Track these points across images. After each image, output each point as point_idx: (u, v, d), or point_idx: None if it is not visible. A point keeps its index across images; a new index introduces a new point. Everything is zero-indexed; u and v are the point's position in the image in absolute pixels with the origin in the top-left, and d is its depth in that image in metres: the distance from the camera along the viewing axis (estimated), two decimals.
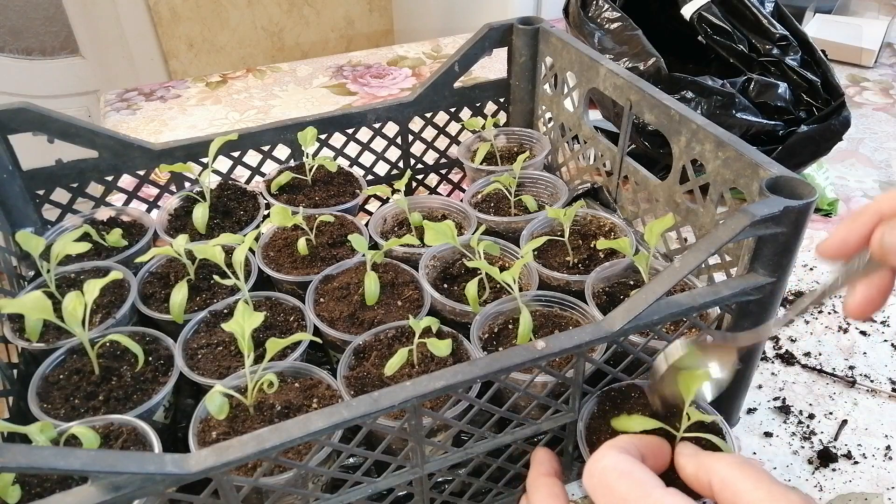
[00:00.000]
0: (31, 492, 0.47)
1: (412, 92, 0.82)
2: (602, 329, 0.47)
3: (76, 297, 0.54)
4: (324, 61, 1.40)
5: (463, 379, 0.44)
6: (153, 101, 1.25)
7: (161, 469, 0.38)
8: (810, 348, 0.75)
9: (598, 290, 0.63)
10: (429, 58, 1.42)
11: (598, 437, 0.52)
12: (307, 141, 0.74)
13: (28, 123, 0.67)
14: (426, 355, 0.56)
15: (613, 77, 0.70)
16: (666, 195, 0.67)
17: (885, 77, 1.30)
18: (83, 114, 2.23)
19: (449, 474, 0.53)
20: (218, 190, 0.75)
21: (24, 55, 2.19)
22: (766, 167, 0.53)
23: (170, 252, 0.63)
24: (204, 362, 0.57)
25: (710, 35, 0.98)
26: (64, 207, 0.73)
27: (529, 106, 0.86)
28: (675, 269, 0.47)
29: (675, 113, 0.62)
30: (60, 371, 0.56)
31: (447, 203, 0.76)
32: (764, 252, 0.51)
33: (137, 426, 0.51)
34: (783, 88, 0.89)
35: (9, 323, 0.60)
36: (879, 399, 0.69)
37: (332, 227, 0.71)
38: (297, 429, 0.41)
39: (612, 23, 0.93)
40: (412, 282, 0.64)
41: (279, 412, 0.52)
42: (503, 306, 0.60)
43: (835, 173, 1.03)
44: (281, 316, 0.62)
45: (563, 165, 0.84)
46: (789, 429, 0.66)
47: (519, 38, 0.81)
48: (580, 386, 0.51)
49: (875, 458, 0.64)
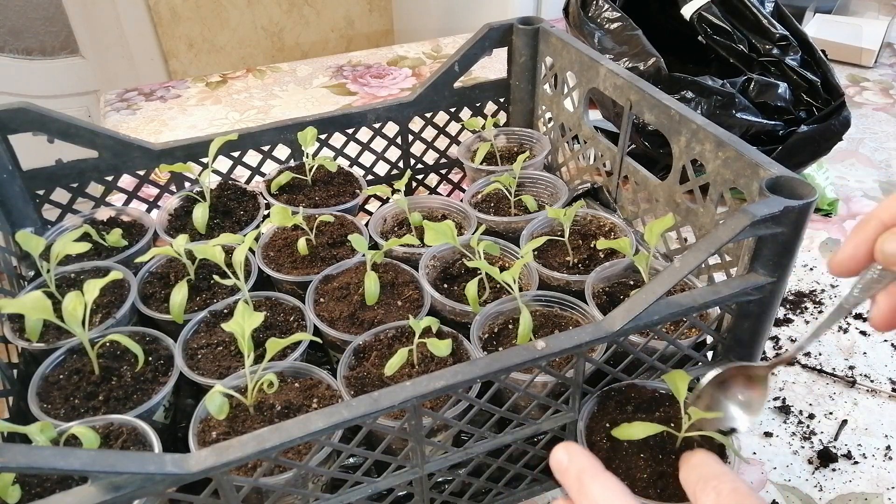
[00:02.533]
0: (31, 492, 0.47)
1: (412, 92, 0.82)
2: (602, 329, 0.47)
3: (76, 297, 0.54)
4: (324, 61, 1.40)
5: (463, 379, 0.44)
6: (153, 101, 1.25)
7: (161, 469, 0.38)
8: (810, 348, 0.75)
9: (598, 290, 0.63)
10: (429, 58, 1.42)
11: (598, 437, 0.52)
12: (307, 141, 0.74)
13: (28, 123, 0.67)
14: (426, 355, 0.56)
15: (613, 77, 0.70)
16: (666, 195, 0.67)
17: (885, 77, 1.30)
18: (83, 114, 2.23)
19: (449, 474, 0.53)
20: (218, 190, 0.75)
21: (24, 55, 2.19)
22: (766, 167, 0.53)
23: (170, 252, 0.63)
24: (204, 362, 0.57)
25: (709, 35, 0.98)
26: (64, 207, 0.73)
27: (529, 106, 0.86)
28: (675, 269, 0.47)
29: (675, 113, 0.62)
30: (60, 371, 0.56)
31: (447, 203, 0.76)
32: (764, 252, 0.51)
33: (137, 426, 0.51)
34: (783, 88, 0.89)
35: (9, 323, 0.60)
36: (879, 399, 0.69)
37: (332, 227, 0.71)
38: (297, 429, 0.41)
39: (612, 23, 0.93)
40: (412, 282, 0.64)
41: (279, 412, 0.52)
42: (503, 306, 0.60)
43: (835, 173, 1.03)
44: (281, 316, 0.62)
45: (563, 165, 0.84)
46: (789, 429, 0.66)
47: (519, 38, 0.81)
48: (580, 386, 0.51)
49: (875, 458, 0.64)
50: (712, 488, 0.37)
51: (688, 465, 0.41)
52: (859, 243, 0.37)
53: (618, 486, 0.38)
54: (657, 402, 0.54)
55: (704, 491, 0.37)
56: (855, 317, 0.79)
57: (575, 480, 0.39)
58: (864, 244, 0.37)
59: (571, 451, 0.40)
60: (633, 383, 0.55)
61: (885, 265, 0.37)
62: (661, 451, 0.50)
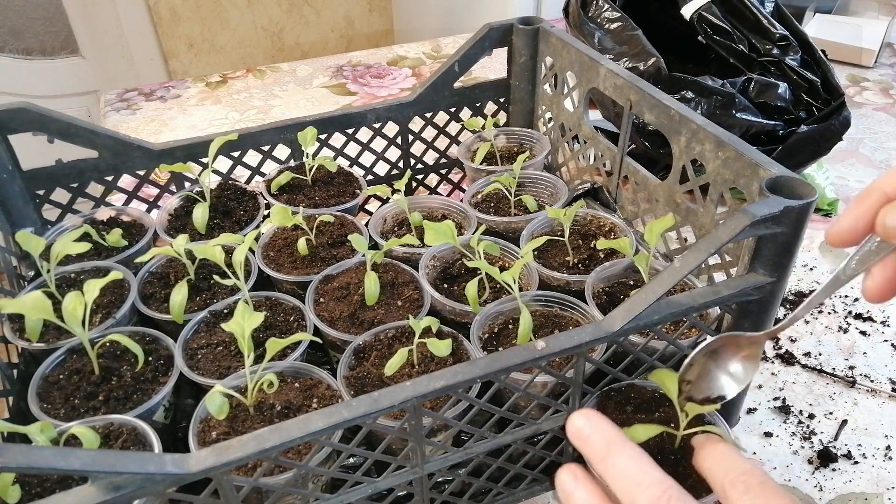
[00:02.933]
0: (31, 492, 0.47)
1: (412, 92, 0.82)
2: (602, 329, 0.47)
3: (76, 297, 0.54)
4: (324, 61, 1.40)
5: (463, 379, 0.44)
6: (153, 101, 1.25)
7: (161, 469, 0.38)
8: (810, 348, 0.75)
9: (598, 290, 0.63)
10: (429, 58, 1.42)
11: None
12: (307, 141, 0.74)
13: (28, 123, 0.67)
14: (426, 355, 0.56)
15: (613, 77, 0.70)
16: (666, 195, 0.67)
17: (885, 77, 1.30)
18: (83, 114, 2.23)
19: (449, 474, 0.53)
20: (218, 190, 0.75)
21: (24, 55, 2.19)
22: (766, 167, 0.53)
23: (170, 252, 0.63)
24: (204, 362, 0.57)
25: (709, 35, 0.98)
26: (64, 207, 0.73)
27: (529, 106, 0.86)
28: (675, 269, 0.47)
29: (675, 113, 0.62)
30: (60, 371, 0.56)
31: (447, 203, 0.76)
32: (764, 252, 0.51)
33: (137, 426, 0.51)
34: (783, 88, 0.89)
35: (9, 323, 0.60)
36: (879, 399, 0.69)
37: (332, 227, 0.71)
38: (297, 429, 0.41)
39: (612, 23, 0.93)
40: (412, 282, 0.64)
41: (279, 412, 0.52)
42: (503, 306, 0.60)
43: (835, 173, 1.03)
44: (281, 316, 0.62)
45: (563, 165, 0.84)
46: (789, 429, 0.66)
47: (519, 38, 0.81)
48: (580, 386, 0.51)
49: (875, 458, 0.64)
50: (742, 482, 0.37)
51: (711, 456, 0.40)
52: (860, 215, 0.37)
53: (645, 458, 0.37)
54: (657, 402, 0.54)
55: (734, 485, 0.37)
56: (855, 317, 0.79)
57: (600, 450, 0.38)
58: (865, 216, 0.37)
59: (592, 418, 0.39)
60: (632, 383, 0.55)
61: (885, 237, 0.36)
62: (660, 451, 0.50)
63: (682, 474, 0.49)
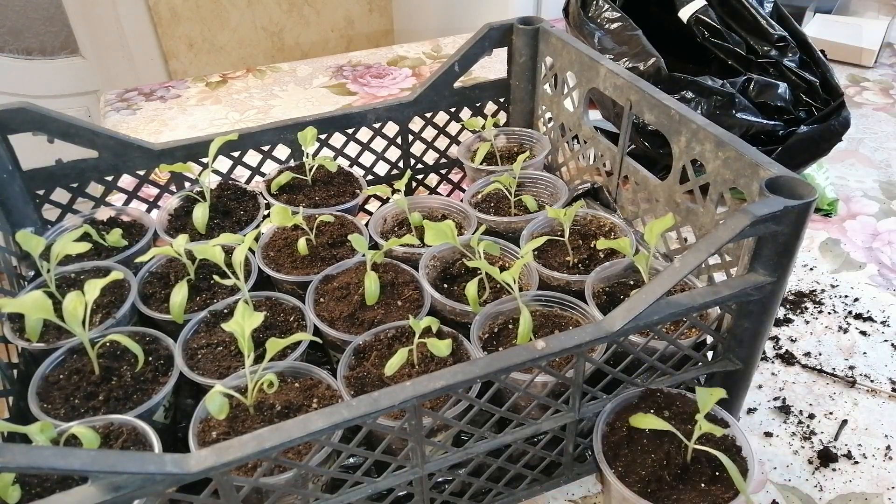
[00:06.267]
0: (31, 492, 0.47)
1: (412, 92, 0.82)
2: (602, 329, 0.47)
3: (76, 296, 0.54)
4: (324, 61, 1.40)
5: (463, 379, 0.44)
6: (153, 101, 1.25)
7: (161, 469, 0.38)
8: (810, 348, 0.75)
9: (598, 290, 0.63)
10: (429, 58, 1.42)
11: (621, 424, 0.53)
12: (307, 141, 0.74)
13: (28, 123, 0.67)
14: (426, 355, 0.56)
15: (613, 77, 0.70)
16: (666, 195, 0.67)
17: (885, 77, 1.30)
18: (83, 114, 2.23)
19: (449, 474, 0.53)
20: (218, 190, 0.75)
21: (24, 55, 2.19)
22: (766, 167, 0.53)
23: (170, 252, 0.63)
24: (204, 362, 0.57)
25: (707, 38, 0.98)
26: (64, 207, 0.73)
27: (529, 106, 0.86)
28: (675, 269, 0.47)
29: (675, 113, 0.62)
30: (60, 371, 0.56)
31: (447, 203, 0.76)
32: (764, 252, 0.51)
33: (137, 426, 0.51)
34: (783, 88, 0.89)
35: (9, 323, 0.60)
36: (879, 399, 0.69)
37: (332, 227, 0.71)
38: (297, 429, 0.41)
39: (612, 23, 0.93)
40: (412, 282, 0.64)
41: (279, 412, 0.52)
42: (503, 306, 0.60)
43: (835, 173, 1.03)
44: (281, 316, 0.62)
45: (563, 165, 0.84)
46: (789, 429, 0.66)
47: (519, 38, 0.81)
48: (580, 386, 0.51)
49: (875, 458, 0.64)
50: None
51: None
52: None
53: None
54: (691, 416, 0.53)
55: None
56: (855, 317, 0.79)
57: None
58: None
59: None
60: (682, 393, 0.55)
61: None
62: (667, 458, 0.50)
63: (685, 489, 0.49)
